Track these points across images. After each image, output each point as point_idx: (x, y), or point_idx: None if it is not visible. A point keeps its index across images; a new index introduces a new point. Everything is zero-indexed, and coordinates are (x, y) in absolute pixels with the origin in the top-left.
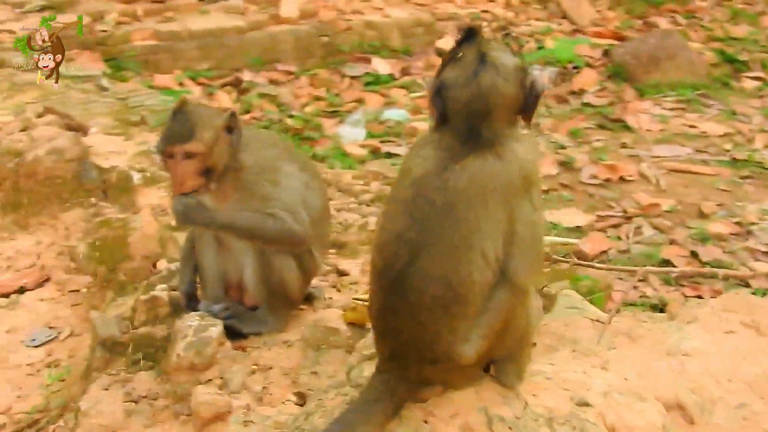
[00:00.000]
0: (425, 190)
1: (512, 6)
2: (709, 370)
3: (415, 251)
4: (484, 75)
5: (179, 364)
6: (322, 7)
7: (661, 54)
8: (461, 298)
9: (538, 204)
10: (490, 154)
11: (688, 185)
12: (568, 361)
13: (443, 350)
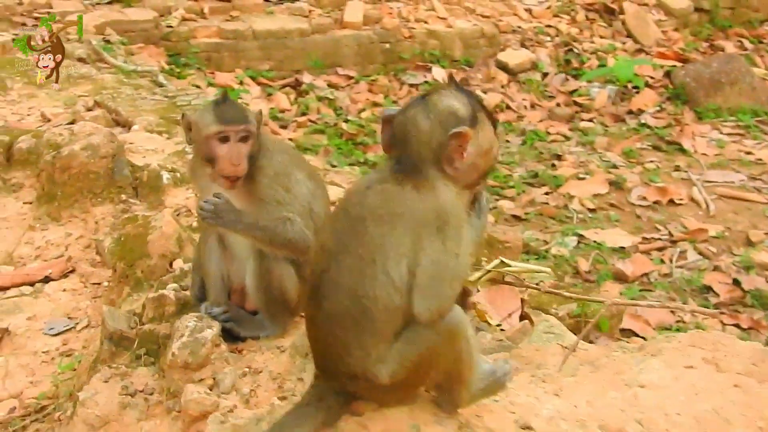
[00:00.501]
0: (348, 204)
1: (577, 22)
2: (660, 403)
3: (330, 260)
4: (412, 108)
5: (174, 362)
6: (386, 15)
7: (723, 78)
8: (367, 312)
9: (452, 247)
10: (409, 184)
11: (738, 212)
12: (524, 386)
13: (357, 366)
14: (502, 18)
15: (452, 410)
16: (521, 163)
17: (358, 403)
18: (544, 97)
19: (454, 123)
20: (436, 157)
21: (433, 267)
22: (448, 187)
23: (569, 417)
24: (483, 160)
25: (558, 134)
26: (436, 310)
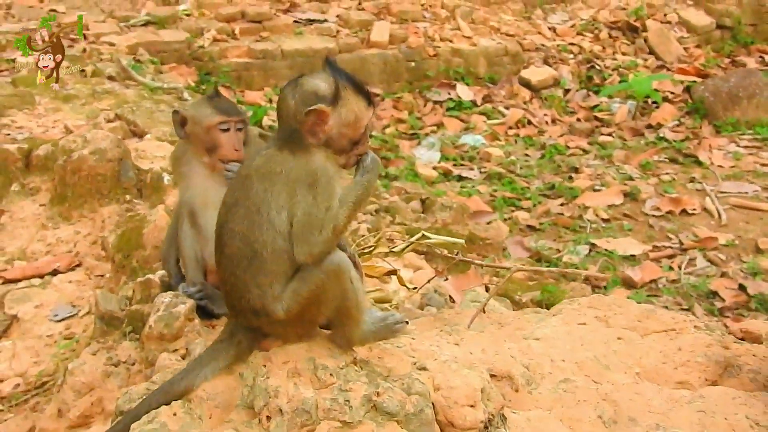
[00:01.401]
0: (241, 166)
1: (600, 40)
2: (548, 351)
3: (227, 212)
4: (286, 88)
5: (150, 333)
6: (412, 34)
7: (741, 93)
8: (258, 255)
9: (322, 201)
10: (286, 150)
11: (750, 221)
12: (430, 337)
13: (256, 302)
14: (525, 36)
15: (345, 346)
16: (539, 176)
17: (266, 341)
18: (566, 113)
19: (313, 101)
20: (300, 129)
21: (305, 218)
22: (320, 151)
23: (462, 361)
24: (350, 129)
25: (577, 148)
26: (309, 254)
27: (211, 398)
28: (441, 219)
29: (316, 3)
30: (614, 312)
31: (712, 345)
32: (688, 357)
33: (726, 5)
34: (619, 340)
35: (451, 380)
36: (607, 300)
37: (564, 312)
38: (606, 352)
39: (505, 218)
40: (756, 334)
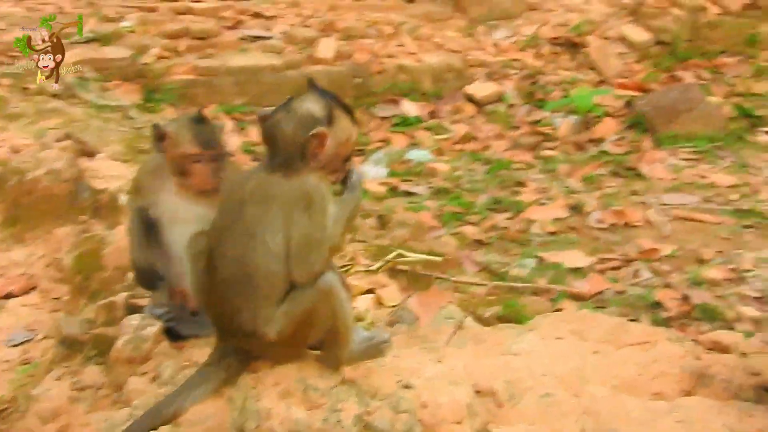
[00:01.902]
0: (232, 191)
1: (542, 56)
2: (528, 366)
3: (219, 237)
4: (277, 113)
5: (119, 356)
6: (357, 50)
7: (681, 106)
8: (252, 278)
9: (318, 221)
10: (280, 173)
11: (692, 232)
12: (411, 355)
13: (248, 325)
14: (469, 52)
15: (335, 366)
16: (485, 191)
17: (255, 363)
18: (510, 128)
19: (312, 124)
20: (302, 153)
21: (303, 239)
22: (313, 173)
23: (446, 378)
24: (343, 148)
25: (522, 162)
26: (309, 273)
27: (201, 422)
28: (399, 235)
29: (261, 20)
30: (588, 326)
31: (686, 356)
32: (663, 368)
33: (664, 22)
34: (596, 353)
35: (437, 397)
36: (580, 314)
37: (539, 327)
38: (584, 365)
39: (453, 233)
40: (724, 345)
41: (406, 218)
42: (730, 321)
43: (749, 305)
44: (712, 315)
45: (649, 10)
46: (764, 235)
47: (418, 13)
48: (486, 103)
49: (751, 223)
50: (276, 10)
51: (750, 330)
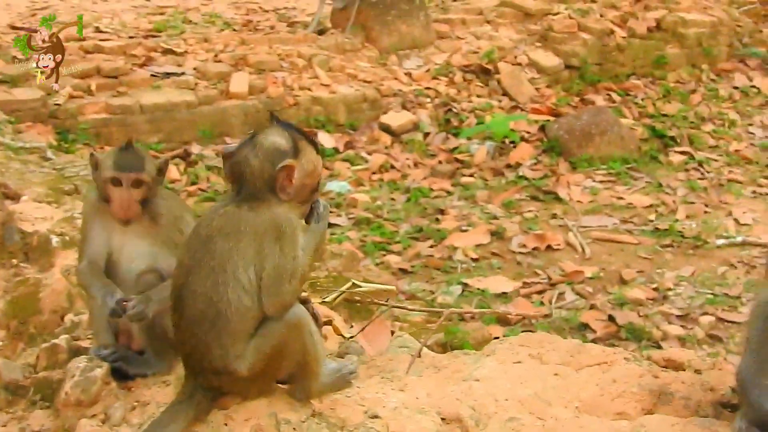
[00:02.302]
0: (199, 227)
1: (455, 83)
2: (491, 391)
3: (187, 273)
4: (243, 149)
5: (67, 400)
6: (271, 84)
7: (594, 130)
8: (222, 314)
9: (289, 252)
10: (247, 206)
11: (612, 253)
12: (374, 385)
13: (219, 362)
14: (383, 82)
15: (305, 399)
16: (406, 219)
17: (225, 399)
18: (427, 156)
19: (280, 157)
20: (270, 187)
21: (275, 270)
22: (281, 204)
23: (411, 406)
24: (310, 178)
25: (441, 190)
26: (281, 304)
27: None
28: (333, 267)
29: (172, 56)
30: (546, 349)
31: (644, 375)
32: (623, 388)
33: (572, 46)
34: (556, 375)
35: (405, 426)
36: (537, 337)
37: (497, 352)
38: (545, 388)
39: (377, 263)
40: (679, 362)
41: (339, 250)
42: (656, 340)
43: (673, 323)
44: (639, 334)
45: (558, 35)
46: (683, 253)
47: (329, 44)
48: (402, 133)
49: (670, 242)
50: (186, 46)
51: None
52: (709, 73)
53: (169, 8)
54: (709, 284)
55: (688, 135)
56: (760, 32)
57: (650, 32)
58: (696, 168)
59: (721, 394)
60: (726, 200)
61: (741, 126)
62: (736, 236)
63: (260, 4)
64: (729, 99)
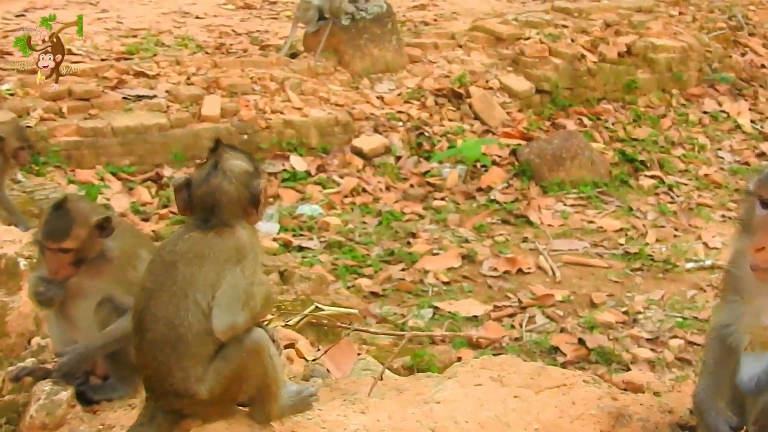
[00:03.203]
0: (162, 252)
1: (427, 107)
2: (451, 414)
3: (149, 297)
4: (213, 178)
5: (32, 423)
6: (243, 107)
7: (565, 154)
8: (183, 338)
9: (248, 274)
10: (212, 232)
11: (582, 277)
12: (335, 408)
13: (179, 385)
14: (355, 106)
15: (265, 422)
16: (378, 243)
17: (186, 421)
18: (399, 180)
19: (254, 180)
20: (245, 211)
21: (230, 290)
22: (245, 228)
23: (372, 429)
24: (265, 197)
25: (413, 213)
26: (231, 325)
27: None
28: (301, 290)
29: (144, 79)
30: (507, 372)
31: (603, 397)
32: (582, 410)
33: (543, 71)
34: (516, 398)
35: None
36: (498, 360)
37: (459, 374)
38: (505, 410)
39: (348, 286)
40: (638, 385)
41: (307, 273)
42: (625, 363)
43: (643, 347)
44: (608, 358)
45: (529, 60)
46: (653, 277)
47: (302, 68)
48: (373, 156)
49: (640, 266)
50: (159, 69)
51: (646, 371)
52: (679, 98)
53: (141, 31)
54: (679, 307)
55: (658, 159)
56: (730, 57)
57: (621, 57)
58: (666, 192)
59: (680, 417)
60: (695, 224)
61: (710, 150)
62: (705, 260)
63: (233, 27)
64: (699, 124)
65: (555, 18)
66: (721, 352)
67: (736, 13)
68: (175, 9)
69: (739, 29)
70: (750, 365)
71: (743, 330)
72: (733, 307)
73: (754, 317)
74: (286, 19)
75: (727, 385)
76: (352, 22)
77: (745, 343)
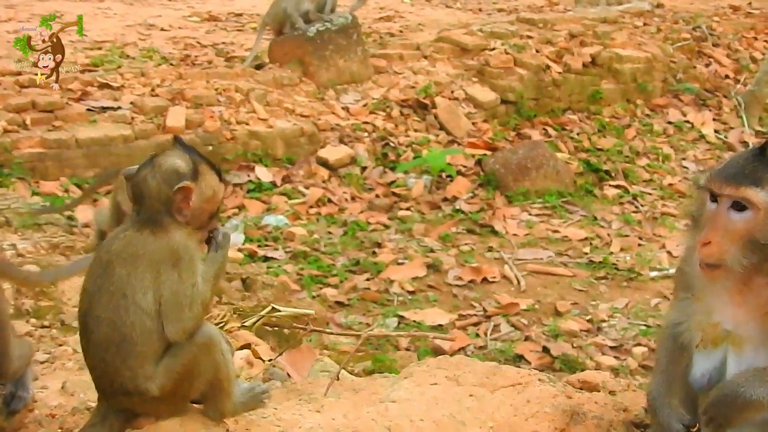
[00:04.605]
0: (101, 252)
1: (392, 118)
2: (407, 412)
3: (90, 299)
4: (142, 170)
5: None
6: (208, 118)
7: (530, 164)
8: (127, 338)
9: (188, 278)
10: (147, 231)
11: (547, 286)
12: (291, 407)
13: (129, 384)
14: (320, 117)
15: (218, 419)
16: (343, 253)
17: (138, 420)
18: (364, 190)
19: (177, 179)
20: (167, 208)
21: (173, 297)
22: (180, 230)
23: (327, 427)
24: (209, 204)
25: (378, 224)
26: (183, 330)
27: None
28: (264, 297)
29: (108, 91)
30: (462, 371)
31: (558, 395)
32: (536, 408)
33: (508, 81)
34: (471, 397)
35: None
36: (453, 360)
37: (414, 374)
38: (460, 409)
39: (313, 296)
40: (593, 384)
41: (270, 280)
42: (589, 370)
43: (607, 354)
44: (573, 365)
45: (494, 70)
46: (617, 285)
47: (267, 79)
48: (339, 167)
49: (604, 275)
50: (123, 81)
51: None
52: (644, 108)
53: (106, 43)
54: (643, 315)
55: (622, 169)
56: (694, 68)
57: (586, 68)
58: (630, 201)
59: (634, 415)
60: (659, 233)
61: (675, 160)
62: (669, 268)
63: (198, 39)
64: (663, 134)
65: (520, 29)
66: (674, 350)
67: (700, 24)
68: (140, 21)
69: (704, 40)
70: (702, 362)
71: (695, 327)
72: (685, 304)
73: (705, 314)
74: (252, 31)
75: (680, 383)
76: (317, 33)
77: (696, 341)
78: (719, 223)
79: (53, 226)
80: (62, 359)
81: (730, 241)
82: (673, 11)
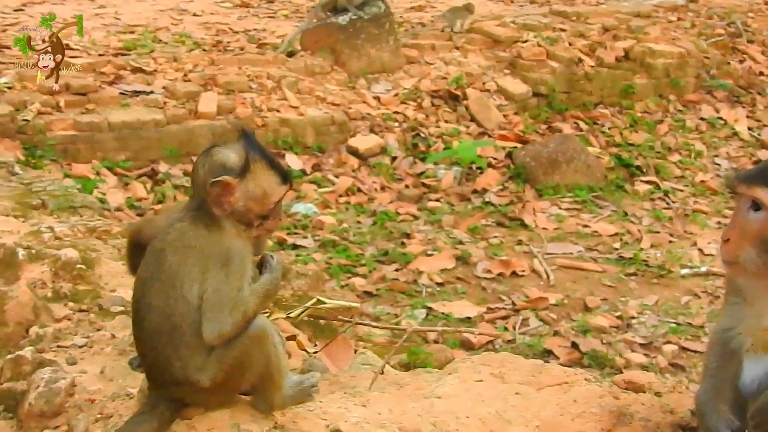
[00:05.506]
0: (156, 240)
1: (423, 108)
2: (452, 409)
3: (143, 286)
4: (198, 159)
5: (30, 411)
6: (239, 105)
7: (560, 157)
8: (177, 328)
9: (234, 281)
10: (201, 224)
11: (576, 281)
12: (336, 400)
13: (179, 374)
14: (351, 105)
15: (267, 411)
16: (372, 243)
17: (188, 410)
18: (394, 180)
19: (220, 173)
20: (208, 200)
21: (215, 295)
22: (233, 227)
23: (373, 421)
24: (257, 204)
25: (407, 214)
26: (219, 334)
27: None
28: (297, 286)
29: (141, 75)
30: (508, 368)
31: (604, 396)
32: (583, 408)
33: (540, 74)
34: (517, 394)
35: None
36: (498, 357)
37: (459, 370)
38: (505, 407)
39: (342, 285)
40: (639, 384)
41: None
42: (619, 367)
43: (636, 351)
44: (602, 362)
45: (526, 63)
46: (647, 282)
47: (299, 67)
48: (369, 156)
49: (634, 271)
50: (156, 65)
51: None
52: (676, 104)
53: (139, 27)
54: (673, 313)
55: (654, 165)
56: (728, 64)
57: (618, 62)
58: (661, 198)
59: (681, 417)
60: (691, 230)
61: (707, 157)
62: (700, 266)
63: (230, 25)
64: (695, 130)
65: (553, 21)
66: (723, 355)
67: (735, 20)
68: (172, 6)
69: (738, 36)
70: (752, 367)
71: (745, 332)
72: (735, 309)
73: (756, 319)
74: (283, 18)
75: (729, 388)
76: (350, 22)
77: (746, 346)
78: (738, 222)
79: (88, 210)
80: (100, 344)
81: (746, 239)
82: (708, 6)
